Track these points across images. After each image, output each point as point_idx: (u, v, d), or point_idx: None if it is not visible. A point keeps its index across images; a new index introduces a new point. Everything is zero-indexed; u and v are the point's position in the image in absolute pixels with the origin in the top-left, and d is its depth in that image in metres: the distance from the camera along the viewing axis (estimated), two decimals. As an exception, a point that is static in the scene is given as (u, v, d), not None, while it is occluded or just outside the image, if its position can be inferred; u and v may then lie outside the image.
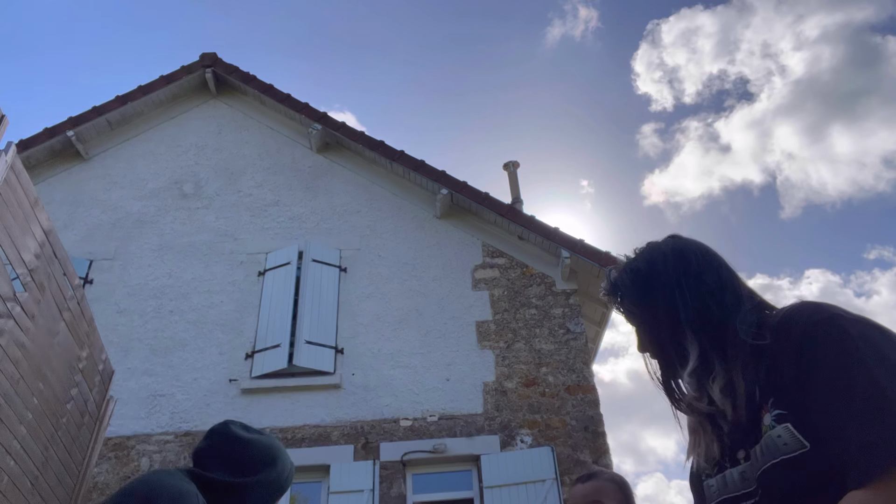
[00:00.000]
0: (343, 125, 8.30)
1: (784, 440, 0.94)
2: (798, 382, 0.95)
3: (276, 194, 8.04)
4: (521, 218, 7.56)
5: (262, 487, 1.43)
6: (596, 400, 6.53)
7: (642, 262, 1.21)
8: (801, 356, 0.95)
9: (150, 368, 6.64)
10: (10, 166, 2.78)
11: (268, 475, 1.43)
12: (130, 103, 8.40)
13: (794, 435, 0.93)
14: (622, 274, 1.23)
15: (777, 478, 0.95)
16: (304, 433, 6.32)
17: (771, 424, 0.97)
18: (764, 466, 0.97)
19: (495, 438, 6.29)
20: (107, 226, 7.67)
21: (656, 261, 1.19)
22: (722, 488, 1.08)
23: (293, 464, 1.56)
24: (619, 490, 1.84)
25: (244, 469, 1.40)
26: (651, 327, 1.18)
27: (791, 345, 0.97)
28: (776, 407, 0.97)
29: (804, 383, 0.94)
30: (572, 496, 1.89)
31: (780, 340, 0.99)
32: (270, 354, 6.66)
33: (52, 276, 3.26)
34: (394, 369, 6.70)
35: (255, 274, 7.35)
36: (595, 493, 1.83)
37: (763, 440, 0.98)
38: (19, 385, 2.98)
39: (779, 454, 0.94)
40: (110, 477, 6.07)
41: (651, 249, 1.23)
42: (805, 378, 0.94)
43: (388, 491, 6.00)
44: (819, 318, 0.97)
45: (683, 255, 1.18)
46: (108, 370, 4.34)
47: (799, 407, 0.94)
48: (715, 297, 1.11)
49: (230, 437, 1.45)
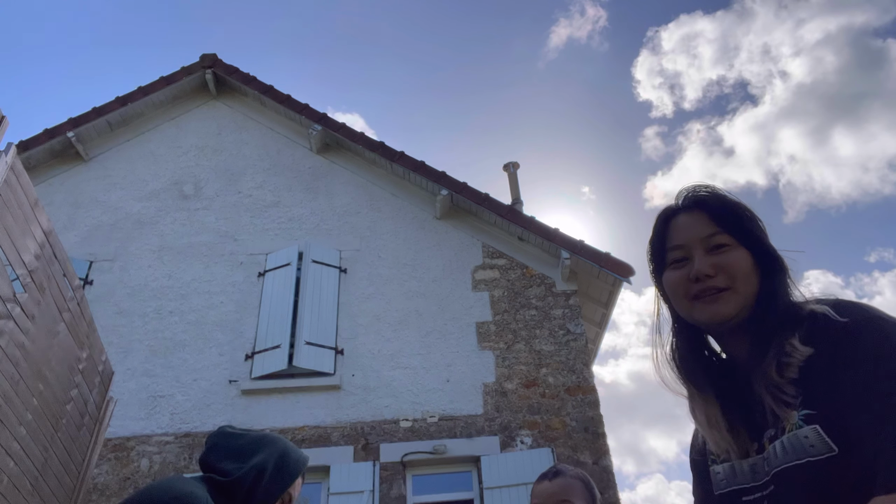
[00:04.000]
0: (343, 126, 8.31)
1: (811, 442, 0.90)
2: (831, 383, 0.91)
3: (277, 195, 8.04)
4: (521, 219, 7.56)
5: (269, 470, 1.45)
6: (596, 401, 6.53)
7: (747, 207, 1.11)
8: (838, 356, 0.91)
9: (150, 369, 6.64)
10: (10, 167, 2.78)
11: (270, 455, 1.47)
12: (130, 104, 8.41)
13: (822, 438, 0.90)
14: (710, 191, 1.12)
15: (797, 479, 0.92)
16: (304, 434, 6.32)
17: (798, 423, 0.93)
18: (784, 465, 0.94)
19: (495, 439, 6.29)
20: (107, 227, 7.67)
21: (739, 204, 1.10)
22: (730, 478, 1.06)
23: (301, 452, 1.58)
24: (586, 488, 1.80)
25: (246, 454, 1.45)
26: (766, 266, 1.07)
27: (827, 344, 0.93)
28: (805, 406, 0.93)
29: (838, 384, 0.90)
30: (538, 494, 1.83)
31: (815, 337, 0.95)
32: (270, 355, 6.66)
33: (52, 277, 3.26)
34: (394, 370, 6.69)
35: (255, 275, 7.34)
36: (563, 492, 1.78)
37: (788, 437, 0.94)
38: (19, 386, 2.98)
39: (804, 455, 0.91)
40: (110, 478, 6.06)
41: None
42: (841, 379, 0.90)
43: (388, 492, 6.00)
44: (860, 318, 0.92)
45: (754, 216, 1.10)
46: (108, 371, 4.34)
47: (830, 409, 0.90)
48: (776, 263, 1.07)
49: (226, 434, 1.52)
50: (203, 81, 8.82)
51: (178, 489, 1.27)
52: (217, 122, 8.72)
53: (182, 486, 1.29)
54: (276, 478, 1.46)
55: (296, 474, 1.51)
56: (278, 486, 1.46)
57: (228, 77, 8.73)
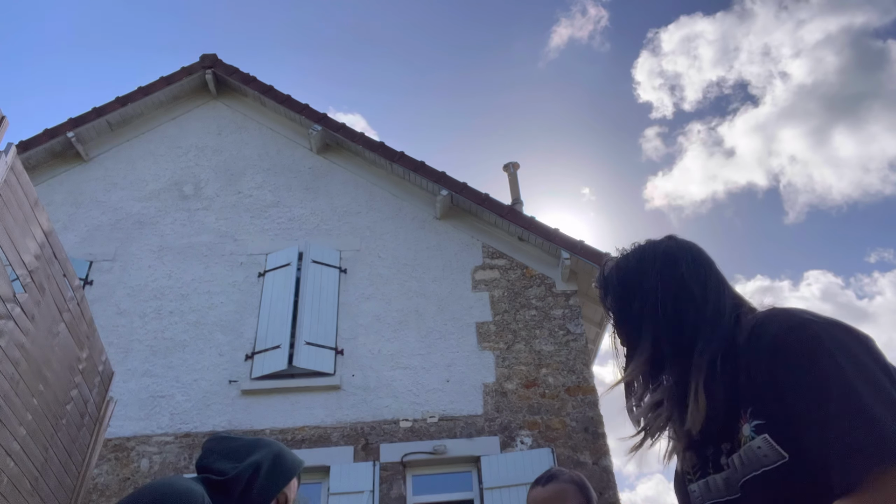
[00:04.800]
0: (343, 126, 8.31)
1: (764, 451, 0.93)
2: (774, 391, 0.93)
3: (276, 195, 8.04)
4: (521, 219, 7.56)
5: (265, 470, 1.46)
6: (596, 401, 6.52)
7: (633, 259, 1.21)
8: (775, 364, 0.93)
9: (150, 369, 6.64)
10: (10, 167, 2.78)
11: (265, 455, 1.49)
12: (130, 104, 8.40)
13: (772, 446, 0.92)
14: (612, 269, 1.24)
15: (759, 489, 0.94)
16: (304, 434, 6.32)
17: (750, 435, 0.95)
18: (746, 477, 0.97)
19: (495, 440, 6.29)
20: (107, 227, 7.67)
21: (645, 260, 1.19)
22: (705, 493, 1.08)
23: (296, 455, 1.61)
24: (580, 492, 1.78)
25: (241, 455, 1.48)
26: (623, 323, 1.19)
27: (763, 353, 0.96)
28: (755, 417, 0.95)
29: (780, 391, 0.92)
30: (532, 500, 1.81)
31: (753, 349, 0.98)
32: (270, 355, 6.65)
33: (51, 278, 3.26)
34: (394, 370, 6.69)
35: (255, 275, 7.34)
36: (556, 498, 1.76)
37: (743, 450, 0.97)
38: (19, 386, 2.97)
39: (759, 466, 0.94)
40: (110, 478, 6.06)
41: (643, 248, 1.22)
42: (780, 386, 0.92)
43: (388, 492, 6.00)
44: (790, 324, 0.95)
45: (674, 259, 1.16)
46: (108, 371, 4.34)
47: (776, 416, 0.92)
48: (694, 306, 1.10)
49: (220, 438, 1.55)
50: (203, 81, 8.82)
51: (176, 487, 1.29)
52: (217, 123, 8.72)
53: (180, 485, 1.30)
54: (272, 476, 1.48)
55: (291, 475, 1.53)
56: (274, 484, 1.48)
57: (228, 77, 8.73)
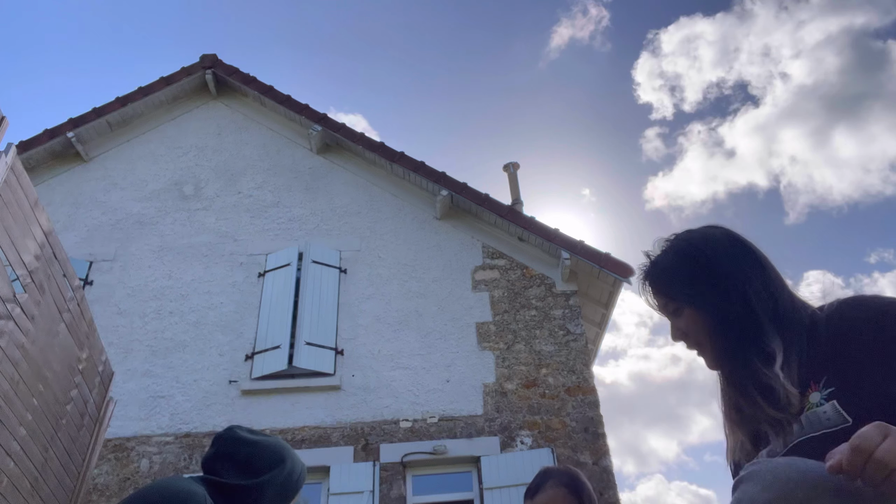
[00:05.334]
0: (343, 126, 8.31)
1: (828, 415, 0.96)
2: (845, 360, 0.97)
3: (277, 195, 8.04)
4: (521, 219, 7.56)
5: (274, 487, 1.44)
6: (596, 401, 6.52)
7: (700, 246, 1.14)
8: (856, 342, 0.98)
9: (150, 370, 6.64)
10: (10, 167, 2.78)
11: (278, 474, 1.45)
12: (130, 104, 8.40)
13: (837, 411, 0.95)
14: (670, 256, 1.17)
15: (810, 451, 0.94)
16: (304, 434, 6.32)
17: (819, 402, 0.98)
18: (800, 439, 0.99)
19: (495, 440, 6.29)
20: (107, 227, 7.67)
21: (718, 247, 1.13)
22: None
23: (304, 464, 1.59)
24: (570, 492, 1.77)
25: (254, 470, 1.42)
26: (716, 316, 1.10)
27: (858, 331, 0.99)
28: (827, 386, 0.98)
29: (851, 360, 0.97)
30: None
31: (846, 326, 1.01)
32: (270, 356, 6.65)
33: (51, 278, 3.26)
34: (394, 370, 6.69)
35: (255, 275, 7.34)
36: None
37: (806, 415, 0.99)
38: (19, 386, 2.98)
39: (820, 428, 0.96)
40: (110, 478, 6.06)
41: (704, 236, 1.16)
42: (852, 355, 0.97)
43: (388, 492, 6.00)
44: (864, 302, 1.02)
45: (744, 243, 1.14)
46: (108, 371, 4.34)
47: (848, 385, 0.96)
48: (777, 285, 1.11)
49: (237, 441, 1.46)
50: (203, 82, 8.82)
51: (177, 488, 1.27)
52: (217, 123, 8.72)
53: (181, 485, 1.29)
54: (279, 496, 1.46)
55: (296, 491, 1.52)
56: (282, 500, 1.48)
57: (228, 77, 8.73)
